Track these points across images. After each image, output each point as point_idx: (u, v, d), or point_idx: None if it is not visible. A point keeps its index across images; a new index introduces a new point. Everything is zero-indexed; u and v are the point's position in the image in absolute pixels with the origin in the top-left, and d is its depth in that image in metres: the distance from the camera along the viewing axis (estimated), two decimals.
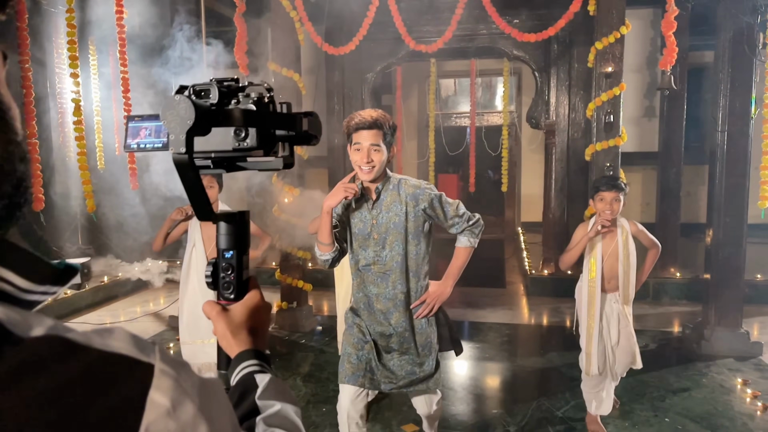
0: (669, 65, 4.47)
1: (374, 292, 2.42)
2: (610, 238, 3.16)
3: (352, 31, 5.32)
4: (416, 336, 2.47)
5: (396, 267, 2.37)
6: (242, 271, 0.90)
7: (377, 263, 2.39)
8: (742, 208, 4.39)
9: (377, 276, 2.41)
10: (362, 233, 2.40)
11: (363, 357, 2.44)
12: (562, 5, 5.05)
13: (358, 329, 2.49)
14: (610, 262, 3.16)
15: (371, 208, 2.39)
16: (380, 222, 2.38)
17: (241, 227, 0.89)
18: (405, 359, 2.47)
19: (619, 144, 4.56)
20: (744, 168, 4.34)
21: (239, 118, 0.78)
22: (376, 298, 2.43)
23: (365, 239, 2.40)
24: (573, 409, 3.51)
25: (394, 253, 2.37)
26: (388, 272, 2.39)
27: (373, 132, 2.29)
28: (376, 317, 2.46)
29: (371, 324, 2.48)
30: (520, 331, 5.26)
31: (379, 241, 2.38)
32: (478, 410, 3.61)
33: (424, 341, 2.48)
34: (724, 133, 4.34)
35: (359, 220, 2.41)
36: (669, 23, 4.36)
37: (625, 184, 3.12)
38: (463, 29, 5.68)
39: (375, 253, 2.39)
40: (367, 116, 2.31)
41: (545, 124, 6.27)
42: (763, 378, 4.01)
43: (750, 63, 4.28)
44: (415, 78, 9.46)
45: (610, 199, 3.06)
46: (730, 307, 4.47)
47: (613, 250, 3.16)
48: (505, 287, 6.77)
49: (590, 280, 3.16)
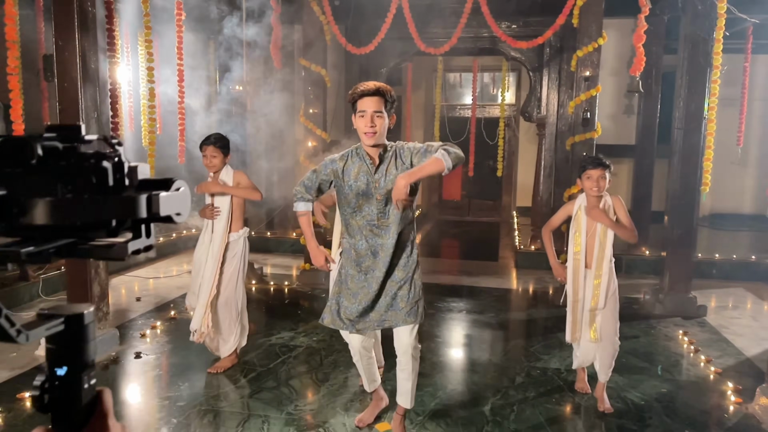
0: (638, 71, 5.32)
1: (378, 243, 2.66)
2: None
3: (370, 31, 6.16)
4: (398, 272, 2.73)
5: (394, 221, 2.65)
6: (80, 393, 0.61)
7: (380, 218, 2.64)
8: (694, 196, 5.26)
9: (382, 229, 2.65)
10: (365, 193, 2.63)
11: (355, 306, 2.73)
12: (553, 15, 5.87)
13: (351, 280, 2.74)
14: (593, 238, 3.29)
15: (374, 172, 2.62)
16: (381, 185, 2.61)
17: (77, 332, 0.60)
18: (389, 297, 2.74)
19: (594, 137, 5.42)
20: (696, 161, 5.20)
21: None
22: (380, 247, 2.67)
23: (368, 198, 2.63)
24: (547, 353, 4.41)
25: (394, 210, 2.63)
26: (389, 226, 2.65)
27: (375, 99, 2.50)
28: (370, 264, 2.70)
29: (364, 271, 2.71)
30: (508, 295, 6.16)
31: (381, 200, 2.63)
32: (471, 354, 4.52)
33: (406, 276, 2.74)
34: (681, 130, 5.20)
35: (362, 183, 2.62)
36: (639, 36, 5.18)
37: (608, 163, 3.25)
38: (467, 32, 6.50)
39: (378, 210, 2.64)
40: (371, 85, 2.54)
41: (537, 117, 7.13)
42: (702, 332, 4.91)
43: (704, 72, 5.12)
44: (423, 72, 10.31)
45: (596, 177, 3.18)
46: (681, 277, 5.36)
47: (596, 227, 3.28)
48: (497, 260, 7.67)
49: (575, 253, 3.32)
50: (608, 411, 3.33)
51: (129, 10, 6.13)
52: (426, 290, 2.85)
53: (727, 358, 4.30)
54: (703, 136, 5.18)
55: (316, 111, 5.89)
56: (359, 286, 2.73)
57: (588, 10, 5.38)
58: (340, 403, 3.41)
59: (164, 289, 5.91)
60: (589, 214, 3.24)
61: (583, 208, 3.29)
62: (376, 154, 2.62)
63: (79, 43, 3.67)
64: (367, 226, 2.67)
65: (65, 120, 3.75)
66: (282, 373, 3.80)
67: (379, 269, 2.69)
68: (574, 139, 5.46)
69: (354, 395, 3.50)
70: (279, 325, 4.81)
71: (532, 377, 3.85)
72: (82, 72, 3.71)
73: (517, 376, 3.85)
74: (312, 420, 3.19)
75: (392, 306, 2.74)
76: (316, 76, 5.80)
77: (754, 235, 8.09)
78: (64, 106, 3.73)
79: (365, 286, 2.72)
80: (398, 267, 2.74)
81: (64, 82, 3.70)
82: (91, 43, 3.77)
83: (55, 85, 3.74)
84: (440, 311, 5.31)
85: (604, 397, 3.40)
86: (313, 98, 5.89)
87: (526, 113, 7.33)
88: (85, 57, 3.73)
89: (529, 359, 4.20)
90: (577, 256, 3.31)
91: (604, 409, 3.35)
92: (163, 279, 6.33)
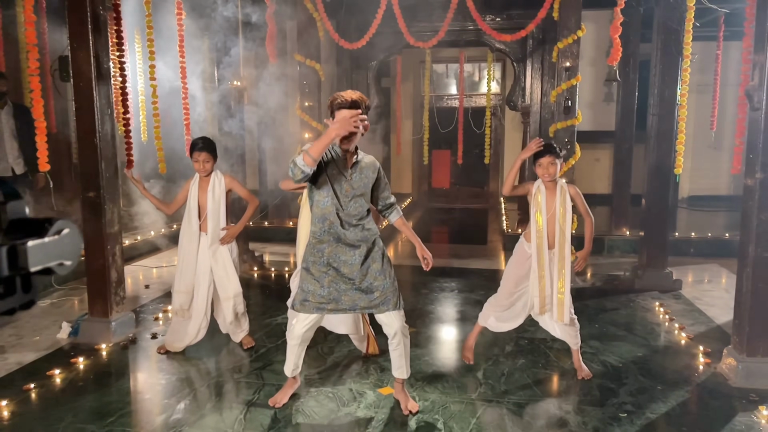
0: (615, 61, 5.65)
1: (341, 232, 2.88)
2: (551, 198, 3.45)
3: (361, 26, 6.43)
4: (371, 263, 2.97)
5: (360, 215, 2.92)
6: None
7: (348, 212, 2.88)
8: (668, 178, 5.61)
9: (344, 220, 2.89)
10: (339, 189, 2.86)
11: (325, 291, 2.93)
12: (535, 8, 6.18)
13: (321, 265, 2.93)
14: (553, 220, 3.47)
15: (349, 171, 2.87)
16: (354, 182, 2.88)
17: None
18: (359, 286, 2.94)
19: (575, 124, 5.75)
20: (670, 145, 5.55)
21: None
22: (343, 236, 2.89)
23: (339, 192, 2.86)
24: (533, 326, 4.76)
25: (359, 205, 2.91)
26: (354, 217, 2.90)
27: (351, 111, 2.71)
28: (340, 253, 2.93)
29: (335, 257, 2.92)
30: (497, 275, 6.49)
31: (349, 195, 2.87)
32: (463, 327, 4.85)
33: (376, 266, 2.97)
34: (655, 116, 5.54)
35: (335, 179, 2.85)
36: (615, 28, 5.50)
37: (559, 149, 3.47)
38: (454, 25, 6.79)
39: (347, 204, 2.88)
40: (347, 97, 2.72)
41: (521, 106, 7.45)
42: (677, 303, 5.28)
43: (676, 60, 5.46)
44: (411, 63, 10.59)
45: (546, 164, 3.37)
46: (657, 253, 5.72)
47: (554, 209, 3.45)
48: (486, 244, 8.02)
49: (537, 231, 3.48)
50: (587, 377, 3.64)
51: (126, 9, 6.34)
52: (418, 272, 3.12)
53: (699, 326, 4.67)
54: (677, 121, 5.53)
55: (311, 104, 6.16)
56: (321, 272, 2.93)
57: (567, 4, 5.68)
58: (345, 370, 3.73)
59: (170, 277, 6.18)
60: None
61: (542, 191, 3.46)
62: (350, 157, 2.88)
63: (92, 45, 3.91)
64: (332, 216, 2.87)
65: (81, 117, 4.01)
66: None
67: (343, 256, 2.91)
68: (556, 126, 5.78)
69: (357, 364, 3.82)
70: (282, 306, 5.09)
71: (520, 346, 4.19)
72: (96, 72, 3.96)
73: (506, 346, 4.19)
74: (321, 386, 3.50)
75: (366, 293, 2.94)
76: (311, 70, 6.07)
77: (729, 214, 8.49)
78: (80, 104, 3.99)
79: (327, 272, 2.92)
80: (367, 257, 2.94)
81: (79, 82, 3.95)
82: (103, 44, 4.02)
83: (71, 84, 3.99)
84: (433, 291, 5.64)
85: (581, 365, 3.66)
86: (308, 91, 6.16)
87: (511, 102, 7.66)
88: (99, 58, 3.98)
89: (517, 331, 4.50)
90: (540, 234, 3.47)
91: (583, 376, 3.61)
92: (166, 268, 6.59)
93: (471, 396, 3.39)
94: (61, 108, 6.51)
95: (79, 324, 4.24)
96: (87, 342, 4.13)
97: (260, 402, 3.30)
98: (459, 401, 3.31)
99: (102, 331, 4.15)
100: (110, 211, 4.18)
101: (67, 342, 4.19)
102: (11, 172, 5.38)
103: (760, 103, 3.41)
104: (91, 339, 4.14)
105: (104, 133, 4.08)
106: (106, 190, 4.12)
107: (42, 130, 3.73)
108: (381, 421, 3.09)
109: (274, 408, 3.21)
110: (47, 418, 3.11)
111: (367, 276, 2.95)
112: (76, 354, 3.92)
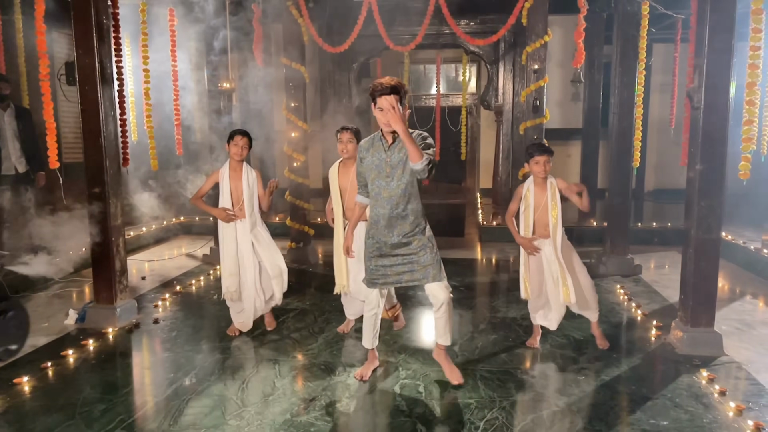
0: (579, 64, 6.11)
1: (383, 212, 3.18)
2: (540, 194, 3.81)
3: (343, 30, 6.80)
4: (415, 241, 3.26)
5: (400, 192, 3.15)
6: None
7: (386, 190, 3.15)
8: (628, 171, 6.09)
9: (387, 200, 3.16)
10: (378, 168, 3.16)
11: (378, 264, 3.28)
12: (507, 13, 6.60)
13: (372, 242, 3.28)
14: (542, 213, 3.81)
15: (387, 150, 3.15)
16: (393, 160, 3.14)
17: None
18: (406, 259, 3.26)
19: (543, 122, 6.19)
20: (630, 141, 6.03)
21: None
22: (384, 216, 3.18)
23: (379, 173, 3.15)
24: (506, 307, 5.19)
25: (401, 182, 3.13)
26: (393, 197, 3.15)
27: (391, 97, 2.92)
28: (381, 229, 3.24)
29: (376, 236, 3.26)
30: (474, 264, 6.94)
31: (391, 174, 3.14)
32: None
33: (420, 245, 3.27)
34: (616, 115, 6.02)
35: (377, 158, 3.15)
36: (579, 33, 5.95)
37: (551, 149, 3.80)
38: (431, 29, 7.19)
39: (386, 182, 3.14)
40: (386, 83, 2.93)
41: (495, 106, 7.90)
42: (636, 286, 5.76)
43: (634, 64, 5.94)
44: (391, 64, 10.98)
45: (542, 161, 3.69)
46: (619, 241, 6.21)
47: (544, 204, 3.81)
48: (464, 236, 8.46)
49: (526, 227, 3.89)
50: (605, 347, 4.02)
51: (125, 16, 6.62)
52: None
53: (654, 305, 5.16)
54: (635, 119, 6.02)
55: (296, 104, 6.51)
56: (374, 248, 3.29)
57: (535, 10, 6.12)
58: (336, 348, 4.11)
59: (163, 270, 6.50)
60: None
61: (532, 189, 3.85)
62: (390, 137, 3.16)
63: (97, 52, 4.23)
64: (378, 197, 3.19)
65: (87, 119, 4.32)
66: (283, 329, 4.48)
67: (387, 235, 3.22)
68: (526, 124, 6.22)
69: (346, 343, 4.20)
70: None
71: (493, 324, 4.62)
72: (101, 76, 4.28)
73: (480, 324, 4.62)
74: (315, 361, 3.88)
75: (410, 268, 3.27)
76: (296, 72, 6.43)
77: None
78: (86, 107, 4.30)
79: (378, 248, 3.27)
80: (410, 235, 3.23)
81: (85, 86, 4.27)
82: (106, 51, 4.34)
83: (77, 89, 4.30)
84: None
85: (600, 333, 4.09)
86: (294, 92, 6.50)
87: (485, 102, 8.10)
88: (103, 63, 4.30)
89: (491, 312, 4.97)
90: (528, 230, 3.88)
91: (602, 345, 4.03)
92: (157, 262, 6.89)
93: None
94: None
95: (86, 311, 4.56)
96: (94, 327, 4.46)
97: (259, 374, 3.67)
98: (438, 370, 3.71)
99: (108, 317, 4.48)
100: (114, 205, 4.50)
101: (74, 327, 4.51)
102: (14, 170, 5.65)
103: (699, 102, 3.87)
104: (97, 324, 4.47)
105: (108, 132, 4.40)
106: (110, 185, 4.44)
107: (52, 131, 4.04)
108: (369, 385, 3.48)
109: (270, 380, 3.58)
110: (66, 390, 3.44)
111: (408, 252, 3.29)
112: (85, 337, 4.24)
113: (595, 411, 3.18)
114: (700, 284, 4.03)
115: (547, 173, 3.76)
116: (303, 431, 2.96)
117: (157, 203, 7.21)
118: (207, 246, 7.20)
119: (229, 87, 6.39)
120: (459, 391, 3.41)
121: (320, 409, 3.20)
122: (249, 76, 6.69)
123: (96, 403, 3.26)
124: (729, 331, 4.45)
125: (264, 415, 3.12)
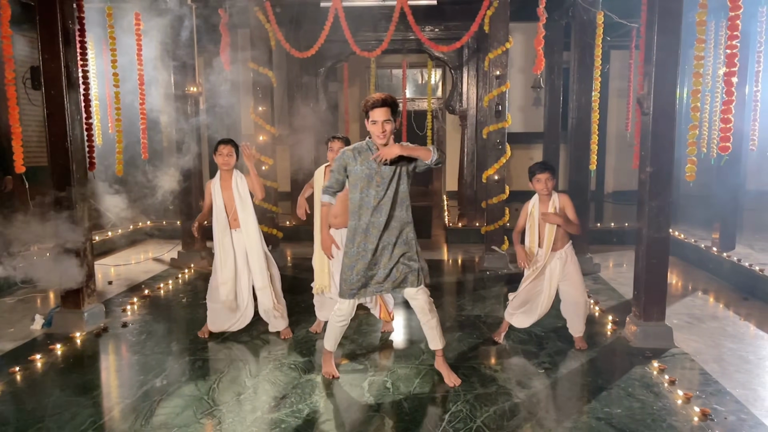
0: (539, 70, 6.34)
1: (372, 221, 3.23)
2: (543, 209, 3.96)
3: (310, 35, 6.89)
4: (397, 249, 3.32)
5: (390, 201, 3.23)
6: None
7: (376, 200, 3.22)
8: (586, 173, 6.34)
9: (377, 209, 3.22)
10: (368, 177, 3.22)
11: (359, 274, 3.30)
12: (470, 20, 6.80)
13: (356, 251, 3.30)
14: (548, 228, 3.93)
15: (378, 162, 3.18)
16: (384, 170, 3.21)
17: None
18: (389, 266, 3.32)
19: (505, 126, 6.40)
20: (587, 144, 6.28)
21: None
22: (373, 225, 3.24)
23: (369, 182, 3.21)
24: (471, 306, 5.35)
25: (391, 191, 3.22)
26: (381, 207, 3.22)
27: (384, 109, 3.06)
28: (371, 237, 3.28)
29: (358, 245, 3.29)
30: (441, 264, 7.11)
31: (381, 184, 3.21)
32: (409, 308, 5.39)
33: (401, 252, 3.34)
34: (574, 119, 6.26)
35: (366, 167, 3.20)
36: (539, 41, 6.18)
37: (553, 166, 3.99)
38: (396, 35, 7.36)
39: (376, 192, 3.21)
40: (379, 98, 3.07)
41: (459, 110, 8.09)
42: (595, 283, 6.01)
43: (591, 71, 6.20)
44: (357, 69, 11.12)
45: (544, 179, 3.85)
46: (578, 241, 6.43)
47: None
48: (430, 237, 8.63)
49: (530, 242, 4.04)
50: (583, 348, 4.16)
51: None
52: None
53: (611, 301, 5.39)
54: (592, 124, 6.28)
55: (264, 108, 6.57)
56: (355, 259, 3.31)
57: (497, 18, 6.34)
58: (305, 348, 4.20)
59: (130, 274, 6.47)
60: (546, 220, 3.91)
61: (537, 207, 4.00)
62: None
63: (63, 57, 4.24)
64: (367, 206, 3.23)
65: (53, 123, 4.31)
66: (254, 330, 4.55)
67: (371, 243, 3.27)
68: (489, 128, 6.41)
69: (317, 344, 4.30)
70: None
71: (458, 322, 4.78)
72: (67, 81, 4.29)
73: (446, 322, 4.77)
74: (285, 360, 3.96)
75: (389, 275, 3.34)
76: (263, 76, 6.49)
77: None
78: (52, 111, 4.30)
79: (363, 255, 3.29)
80: (395, 245, 3.30)
81: (51, 90, 4.26)
82: (72, 55, 4.35)
83: (43, 93, 4.29)
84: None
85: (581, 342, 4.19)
86: (261, 96, 6.57)
87: (450, 106, 8.29)
88: (68, 67, 4.31)
89: (456, 310, 5.13)
90: (532, 245, 4.04)
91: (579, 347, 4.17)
92: (124, 267, 6.85)
93: (415, 362, 3.94)
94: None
95: (52, 315, 4.54)
96: (61, 332, 4.44)
97: (230, 374, 3.73)
98: (405, 366, 3.84)
99: (75, 321, 4.47)
100: (80, 209, 4.50)
101: (40, 333, 4.48)
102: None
103: (648, 108, 4.10)
104: (64, 329, 4.45)
105: (74, 136, 4.40)
106: (76, 189, 4.44)
107: (18, 135, 4.03)
108: (338, 382, 3.59)
109: (241, 379, 3.65)
110: (36, 393, 3.45)
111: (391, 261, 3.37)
112: (53, 342, 4.23)
113: (554, 401, 3.36)
114: (651, 280, 4.25)
115: (549, 190, 3.90)
116: (274, 427, 3.04)
117: (123, 207, 7.17)
118: (174, 250, 7.19)
119: (195, 91, 6.41)
120: (425, 387, 3.55)
121: (290, 406, 3.29)
122: (216, 80, 6.72)
123: (66, 406, 3.28)
124: (680, 325, 4.70)
125: (235, 413, 3.20)
